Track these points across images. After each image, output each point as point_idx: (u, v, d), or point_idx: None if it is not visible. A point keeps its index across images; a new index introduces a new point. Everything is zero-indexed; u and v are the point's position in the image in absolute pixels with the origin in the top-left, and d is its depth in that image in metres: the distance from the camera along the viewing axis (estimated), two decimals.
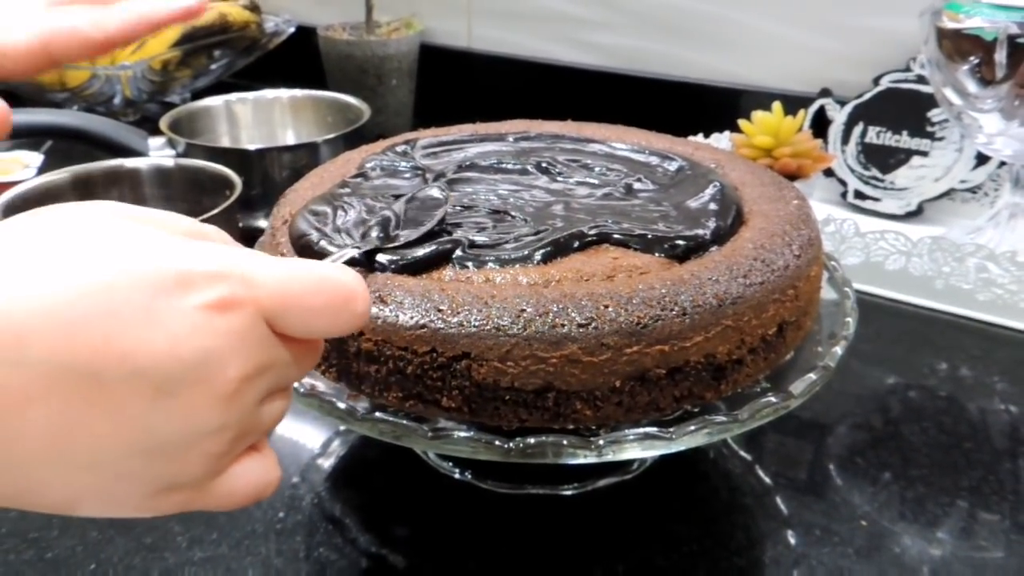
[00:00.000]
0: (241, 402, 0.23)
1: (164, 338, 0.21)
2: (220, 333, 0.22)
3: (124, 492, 0.22)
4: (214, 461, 0.23)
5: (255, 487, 0.25)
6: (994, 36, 0.54)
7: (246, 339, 0.23)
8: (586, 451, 0.32)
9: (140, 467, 0.22)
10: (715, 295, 0.33)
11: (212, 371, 0.22)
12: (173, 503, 0.23)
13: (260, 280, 0.23)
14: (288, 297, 0.23)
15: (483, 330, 0.31)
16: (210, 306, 0.22)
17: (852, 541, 0.40)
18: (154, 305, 0.21)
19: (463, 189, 0.42)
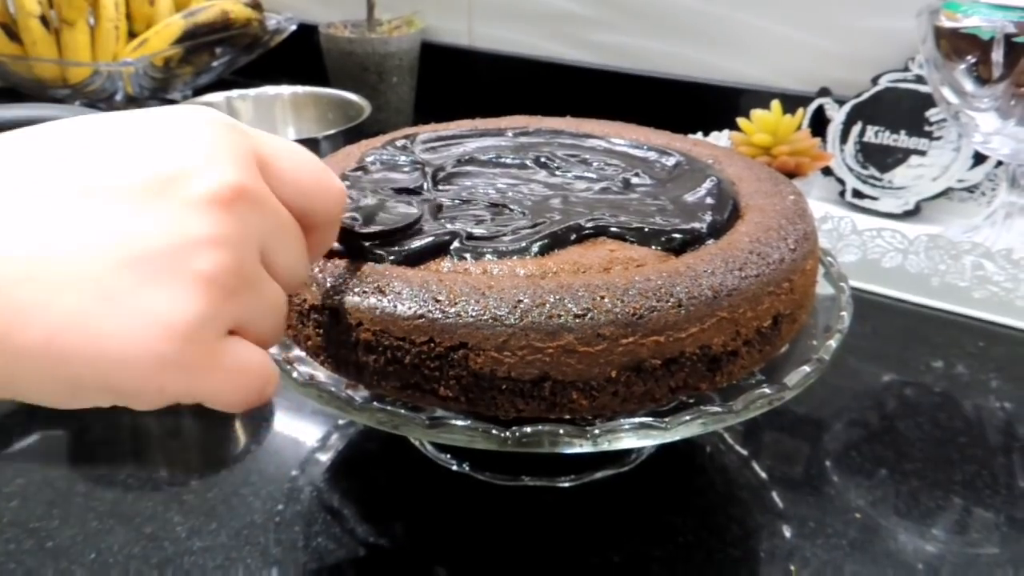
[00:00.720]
0: (233, 218, 0.22)
1: (153, 143, 0.22)
2: (208, 139, 0.23)
3: (115, 328, 0.21)
4: (210, 294, 0.22)
5: (260, 371, 0.24)
6: (991, 35, 0.55)
7: (235, 150, 0.23)
8: (582, 440, 0.32)
9: (127, 285, 0.21)
10: (710, 287, 0.33)
11: (201, 174, 0.22)
12: (177, 369, 0.22)
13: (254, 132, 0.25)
14: (276, 147, 0.25)
15: (480, 320, 0.31)
16: (205, 122, 0.23)
17: (846, 534, 0.40)
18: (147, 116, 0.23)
19: (462, 183, 0.42)
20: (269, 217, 0.24)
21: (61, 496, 0.42)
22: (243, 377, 0.23)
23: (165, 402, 0.23)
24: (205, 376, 0.22)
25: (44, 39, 0.89)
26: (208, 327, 0.22)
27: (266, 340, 0.25)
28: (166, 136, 0.23)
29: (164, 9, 0.94)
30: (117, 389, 0.22)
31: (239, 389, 0.23)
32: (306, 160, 0.26)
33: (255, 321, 0.24)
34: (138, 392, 0.22)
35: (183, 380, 0.22)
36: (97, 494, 0.42)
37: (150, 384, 0.22)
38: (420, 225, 0.36)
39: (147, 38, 0.90)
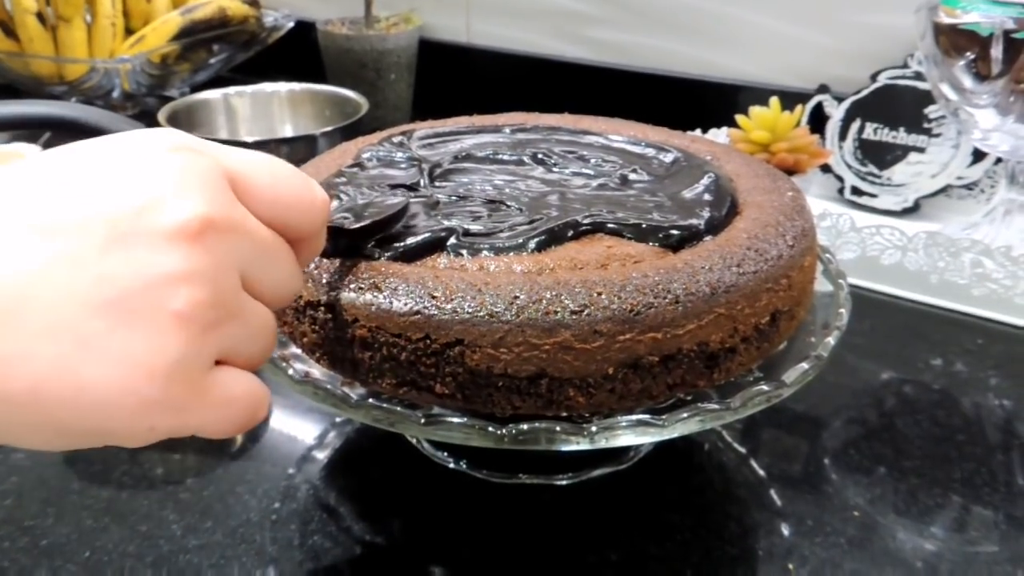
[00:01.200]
0: (204, 250, 0.22)
1: (115, 176, 0.22)
2: (174, 168, 0.22)
3: (97, 374, 0.21)
4: (188, 331, 0.21)
5: (249, 398, 0.24)
6: (990, 31, 0.55)
7: (203, 176, 0.22)
8: (579, 437, 0.32)
9: (103, 329, 0.20)
10: (708, 283, 0.33)
11: (167, 207, 0.21)
12: (164, 407, 0.22)
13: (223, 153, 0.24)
14: (249, 164, 0.24)
15: (476, 317, 0.31)
16: (169, 148, 0.23)
17: (845, 532, 0.40)
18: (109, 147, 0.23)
19: (459, 179, 0.42)
20: (245, 241, 0.23)
21: (55, 494, 0.42)
22: (232, 407, 0.23)
23: (157, 439, 0.23)
24: (193, 411, 0.22)
25: (41, 36, 0.88)
26: (190, 364, 0.22)
27: (255, 362, 0.25)
28: (129, 168, 0.22)
29: (161, 6, 0.94)
30: (106, 432, 0.22)
31: (229, 418, 0.23)
32: (283, 173, 0.25)
33: (241, 347, 0.24)
34: (128, 434, 0.22)
35: (171, 418, 0.22)
36: (92, 492, 0.42)
37: (139, 425, 0.22)
38: (409, 213, 0.36)
39: (144, 35, 0.90)
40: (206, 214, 0.22)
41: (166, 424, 0.22)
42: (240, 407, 0.23)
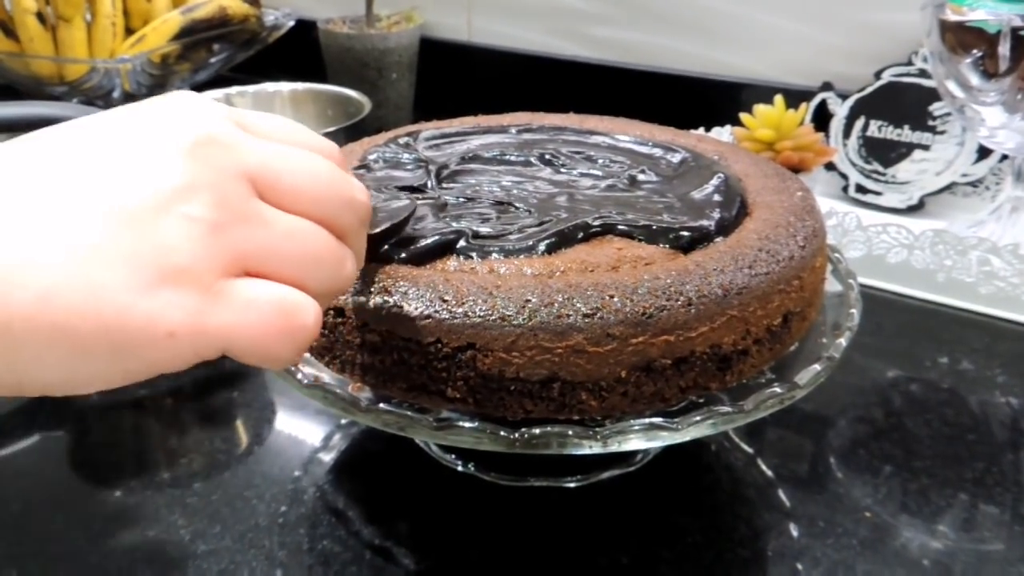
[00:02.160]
0: (211, 163, 0.22)
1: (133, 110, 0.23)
2: (190, 107, 0.23)
3: (108, 276, 0.20)
4: (203, 235, 0.21)
5: (279, 304, 0.22)
6: (997, 29, 0.54)
7: (216, 119, 0.23)
8: (591, 441, 0.32)
9: (111, 232, 0.20)
10: (720, 285, 0.33)
11: (174, 125, 0.22)
12: (176, 310, 0.21)
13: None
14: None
15: (488, 320, 0.31)
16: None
17: (855, 533, 0.40)
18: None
19: (466, 180, 0.41)
20: (251, 157, 0.23)
21: (63, 499, 0.42)
22: (255, 310, 0.22)
23: (183, 354, 0.21)
24: (211, 313, 0.21)
25: (40, 36, 0.88)
26: (199, 263, 0.21)
27: (302, 280, 0.23)
28: (151, 107, 0.23)
29: (161, 5, 0.93)
30: (124, 344, 0.20)
31: (255, 323, 0.22)
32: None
33: (273, 258, 0.22)
34: (147, 342, 0.20)
35: (189, 321, 0.21)
36: (100, 497, 0.42)
37: (157, 330, 0.20)
38: (417, 215, 0.36)
39: (144, 35, 0.90)
40: (204, 131, 0.23)
41: (186, 329, 0.21)
42: (267, 313, 0.22)
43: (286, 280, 0.23)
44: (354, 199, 0.25)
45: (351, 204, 0.25)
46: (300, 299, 0.23)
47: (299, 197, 0.24)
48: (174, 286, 0.21)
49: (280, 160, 0.24)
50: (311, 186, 0.24)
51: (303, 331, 0.22)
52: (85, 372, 0.21)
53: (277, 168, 0.23)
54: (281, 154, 0.24)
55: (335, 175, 0.25)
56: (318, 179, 0.24)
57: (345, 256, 0.25)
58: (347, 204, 0.25)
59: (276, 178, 0.23)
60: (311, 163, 0.24)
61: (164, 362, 0.21)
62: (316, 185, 0.24)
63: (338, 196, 0.25)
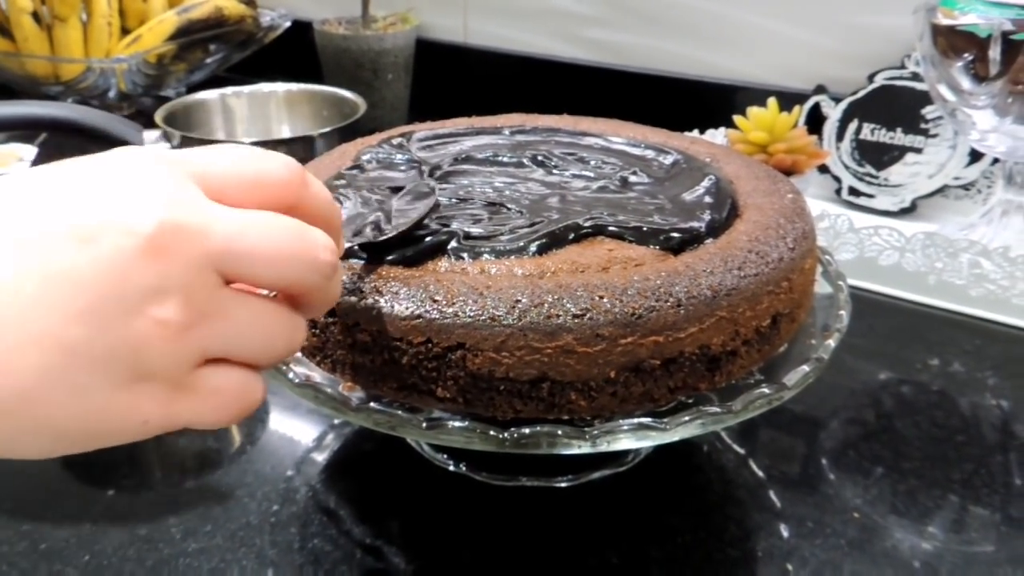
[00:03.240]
0: (178, 260, 0.22)
1: (84, 185, 0.22)
2: (146, 178, 0.23)
3: (83, 377, 0.21)
4: (173, 338, 0.22)
5: (238, 391, 0.24)
6: (988, 33, 0.55)
7: (176, 195, 0.23)
8: (580, 441, 0.32)
9: (85, 335, 0.21)
10: (710, 286, 0.33)
11: (136, 214, 0.22)
12: (150, 402, 0.22)
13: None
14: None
15: (478, 320, 0.31)
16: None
17: (844, 533, 0.40)
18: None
19: (459, 181, 0.42)
20: (215, 241, 0.23)
21: (54, 498, 0.42)
22: (219, 398, 0.24)
23: (154, 433, 0.23)
24: (182, 405, 0.23)
25: (36, 35, 0.88)
26: (170, 366, 0.22)
27: (260, 358, 0.25)
28: (102, 180, 0.23)
29: (157, 5, 0.93)
30: (103, 433, 0.23)
31: (219, 409, 0.24)
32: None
33: (234, 344, 0.24)
34: (123, 431, 0.23)
35: (162, 413, 0.23)
36: (91, 495, 0.42)
37: (133, 422, 0.23)
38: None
39: (140, 35, 0.90)
40: (168, 219, 0.22)
41: (157, 420, 0.23)
42: (228, 398, 0.24)
43: (243, 361, 0.24)
44: (316, 260, 0.25)
45: (314, 267, 0.25)
46: (253, 381, 0.25)
47: (263, 274, 0.24)
48: (147, 383, 0.22)
49: (244, 239, 0.23)
50: (274, 261, 0.24)
51: (255, 405, 0.25)
52: (57, 451, 0.23)
53: (241, 249, 0.23)
54: (244, 230, 0.23)
55: (297, 241, 0.24)
56: (280, 251, 0.24)
57: (297, 329, 0.26)
58: (311, 269, 0.25)
59: (240, 260, 0.23)
60: (273, 233, 0.24)
61: (132, 440, 0.23)
62: (279, 258, 0.24)
63: (301, 263, 0.24)
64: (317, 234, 0.25)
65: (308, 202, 0.26)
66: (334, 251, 0.25)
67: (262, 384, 0.25)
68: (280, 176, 0.25)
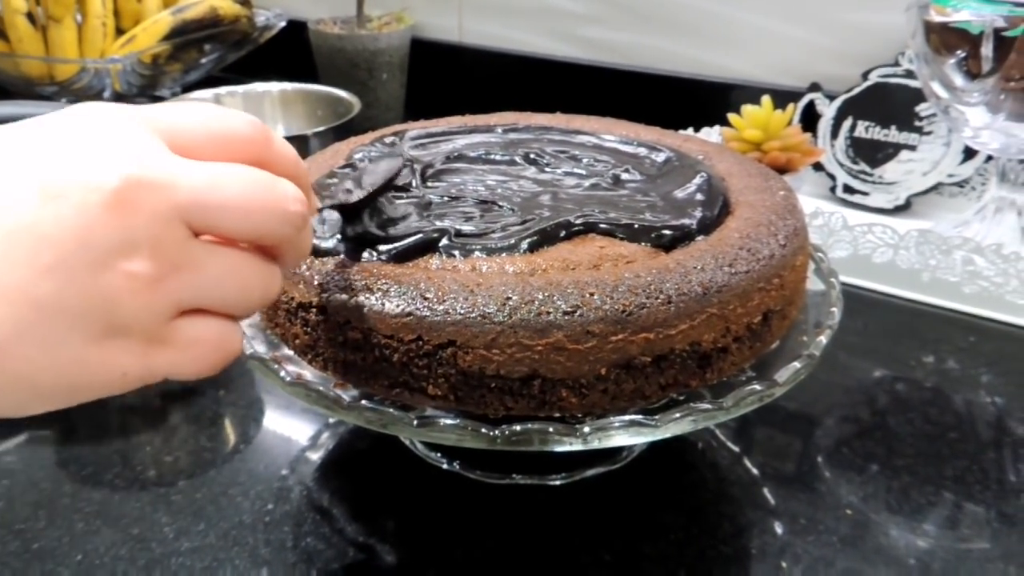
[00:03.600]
0: (143, 213, 0.22)
1: (50, 143, 0.22)
2: (111, 135, 0.23)
3: (55, 331, 0.21)
4: (144, 290, 0.22)
5: (215, 340, 0.24)
6: (980, 30, 0.55)
7: (141, 150, 0.23)
8: (572, 438, 0.32)
9: (54, 289, 0.21)
10: (700, 283, 0.33)
11: (100, 170, 0.22)
12: (126, 355, 0.23)
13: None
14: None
15: (469, 318, 0.31)
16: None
17: (838, 530, 0.40)
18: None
19: (451, 180, 0.42)
20: (181, 193, 0.23)
21: (47, 497, 0.42)
22: (197, 348, 0.24)
23: (134, 384, 0.24)
24: (159, 356, 0.23)
25: (31, 36, 0.88)
26: (143, 318, 0.23)
27: (236, 308, 0.25)
28: (67, 138, 0.23)
29: (152, 6, 0.93)
30: (81, 386, 0.23)
31: (197, 359, 0.24)
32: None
33: (208, 295, 0.24)
34: (103, 385, 0.23)
35: (139, 364, 0.23)
36: (83, 495, 0.42)
37: (111, 374, 0.23)
38: (401, 214, 0.37)
39: (135, 35, 0.90)
40: (132, 174, 0.22)
41: (136, 372, 0.23)
42: (206, 349, 0.24)
43: (218, 311, 0.25)
44: (286, 211, 0.25)
45: (284, 218, 0.25)
46: (231, 331, 0.25)
47: (231, 226, 0.24)
48: (122, 337, 0.22)
49: (210, 190, 0.23)
50: (242, 212, 0.24)
51: (233, 354, 0.25)
52: (39, 406, 0.23)
53: (208, 200, 0.23)
54: (210, 182, 0.23)
55: (266, 192, 0.24)
56: (249, 203, 0.24)
57: (272, 276, 0.26)
58: (280, 219, 0.25)
59: (207, 212, 0.23)
60: (241, 186, 0.24)
61: (115, 392, 0.24)
62: (247, 210, 0.24)
63: (270, 214, 0.24)
64: (286, 185, 0.25)
65: (273, 159, 0.26)
66: (303, 202, 0.26)
67: (240, 333, 0.25)
68: (244, 132, 0.26)
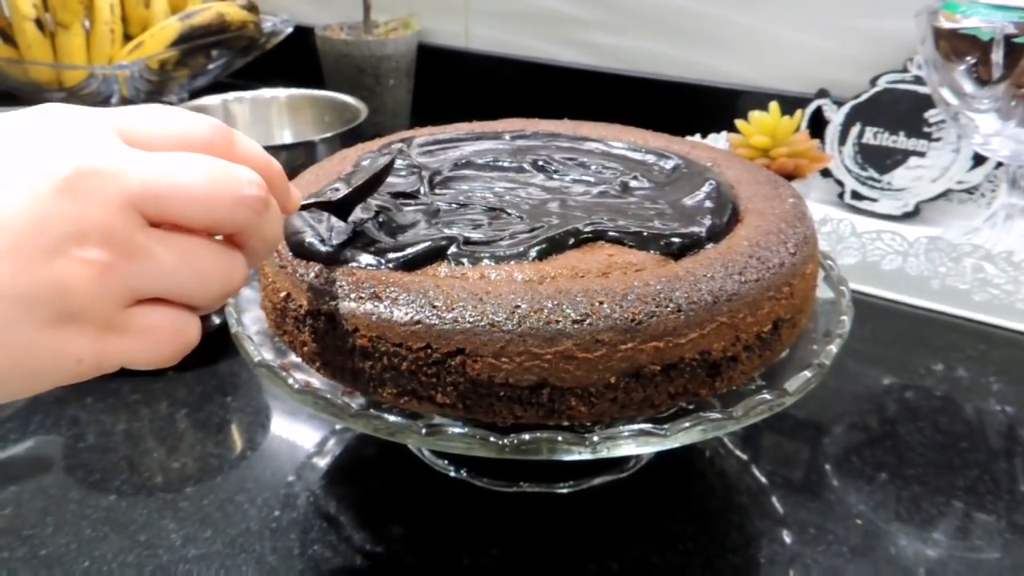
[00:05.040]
0: (94, 202, 0.22)
1: (4, 137, 0.23)
2: (65, 128, 0.23)
3: (9, 315, 0.22)
4: (97, 277, 0.22)
5: (170, 329, 0.24)
6: (991, 36, 0.55)
7: (92, 142, 0.23)
8: (580, 447, 0.32)
9: (7, 274, 0.21)
10: (710, 292, 0.33)
11: (52, 160, 0.22)
12: (81, 341, 0.23)
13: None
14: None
15: (478, 326, 0.31)
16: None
17: (847, 540, 0.39)
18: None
19: (459, 187, 0.42)
20: (132, 182, 0.23)
21: (55, 503, 0.42)
22: (152, 336, 0.24)
23: (90, 372, 0.24)
24: (113, 343, 0.24)
25: (39, 42, 0.88)
26: (95, 305, 0.23)
27: (194, 299, 0.25)
28: (22, 132, 0.23)
29: (160, 12, 0.93)
30: (37, 372, 0.23)
31: (151, 347, 0.24)
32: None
33: (163, 284, 0.24)
34: (58, 372, 0.23)
35: (94, 352, 0.23)
36: (91, 501, 0.42)
37: (64, 361, 0.23)
38: (410, 221, 0.37)
39: (143, 41, 0.90)
40: (83, 164, 0.22)
41: (91, 359, 0.23)
42: (160, 337, 0.24)
43: (176, 299, 0.25)
44: (242, 197, 0.25)
45: (240, 202, 0.25)
46: (187, 320, 0.25)
47: (186, 214, 0.24)
48: (76, 323, 0.23)
49: (162, 178, 0.23)
50: (196, 199, 0.24)
51: (189, 345, 0.25)
52: (6, 393, 0.23)
53: (160, 189, 0.23)
54: (162, 170, 0.24)
55: (219, 178, 0.24)
56: (202, 189, 0.24)
57: (233, 265, 0.26)
58: (235, 204, 0.25)
59: (160, 200, 0.23)
60: (193, 173, 0.24)
61: (71, 380, 0.24)
62: (201, 197, 0.24)
63: (224, 200, 0.24)
64: (240, 170, 0.25)
65: (238, 160, 0.26)
66: (260, 186, 0.25)
67: (196, 324, 0.25)
68: (203, 136, 0.26)
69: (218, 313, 0.55)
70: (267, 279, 0.38)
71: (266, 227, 0.27)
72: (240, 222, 0.25)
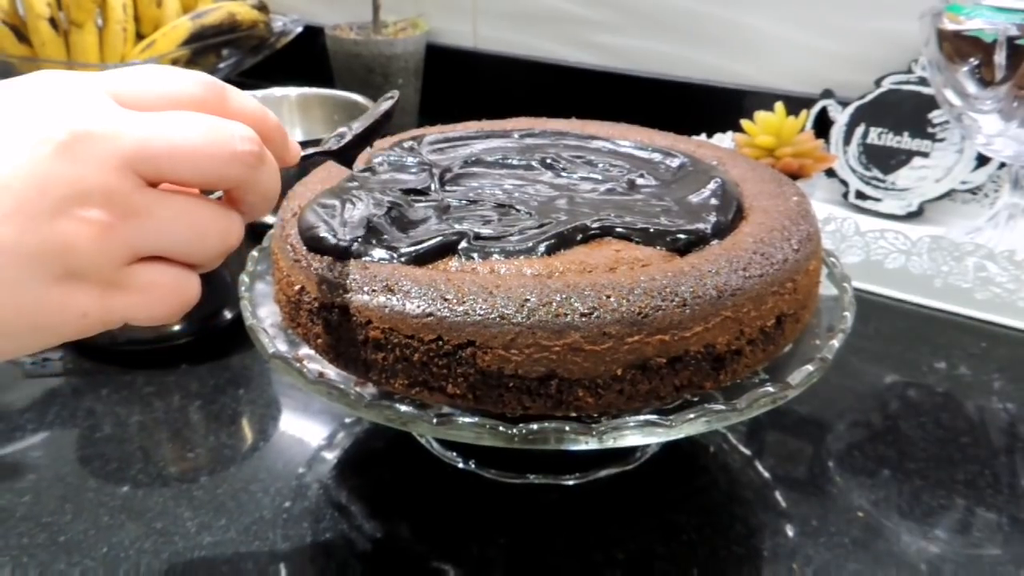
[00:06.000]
0: (91, 163, 0.23)
1: (7, 99, 0.24)
2: (60, 94, 0.24)
3: (17, 273, 0.23)
4: (98, 236, 0.23)
5: (171, 286, 0.25)
6: (994, 38, 0.55)
7: (87, 105, 0.24)
8: (587, 437, 0.32)
9: (13, 234, 0.22)
10: (715, 286, 0.34)
11: (49, 124, 0.23)
12: (85, 297, 0.24)
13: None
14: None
15: (488, 319, 0.32)
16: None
17: (849, 533, 0.40)
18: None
19: (469, 184, 0.42)
20: (127, 142, 0.24)
21: (73, 492, 0.43)
22: (153, 293, 0.25)
23: (95, 327, 0.25)
24: (116, 299, 0.25)
25: (53, 41, 0.89)
26: (97, 261, 0.24)
27: (194, 257, 0.26)
28: (19, 99, 0.24)
29: (171, 11, 0.94)
30: (44, 327, 0.24)
31: (153, 303, 0.25)
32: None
33: (163, 242, 0.25)
34: (64, 326, 0.24)
35: (98, 306, 0.24)
36: (108, 490, 0.43)
37: (69, 315, 0.24)
38: (421, 217, 0.37)
39: (154, 40, 0.91)
40: (78, 127, 0.23)
41: (96, 313, 0.24)
42: (162, 294, 0.25)
43: (175, 258, 0.26)
44: (235, 153, 0.25)
45: (234, 158, 0.25)
46: (187, 278, 0.26)
47: (180, 172, 0.25)
48: (80, 280, 0.24)
49: (155, 138, 0.24)
50: (189, 157, 0.25)
51: (188, 303, 0.26)
52: (6, 346, 0.24)
53: (153, 149, 0.24)
54: (155, 131, 0.24)
55: (212, 135, 0.25)
56: (195, 147, 0.25)
57: (230, 224, 0.27)
58: (230, 160, 0.25)
59: (155, 161, 0.24)
60: (186, 131, 0.25)
61: (77, 335, 0.25)
62: (194, 155, 0.25)
63: (218, 156, 0.25)
64: (233, 125, 0.26)
65: (233, 116, 0.27)
66: (254, 141, 0.26)
67: (196, 282, 0.26)
68: (196, 93, 0.26)
69: (231, 307, 0.56)
70: (281, 273, 0.39)
71: (263, 181, 0.27)
72: (235, 178, 0.26)
